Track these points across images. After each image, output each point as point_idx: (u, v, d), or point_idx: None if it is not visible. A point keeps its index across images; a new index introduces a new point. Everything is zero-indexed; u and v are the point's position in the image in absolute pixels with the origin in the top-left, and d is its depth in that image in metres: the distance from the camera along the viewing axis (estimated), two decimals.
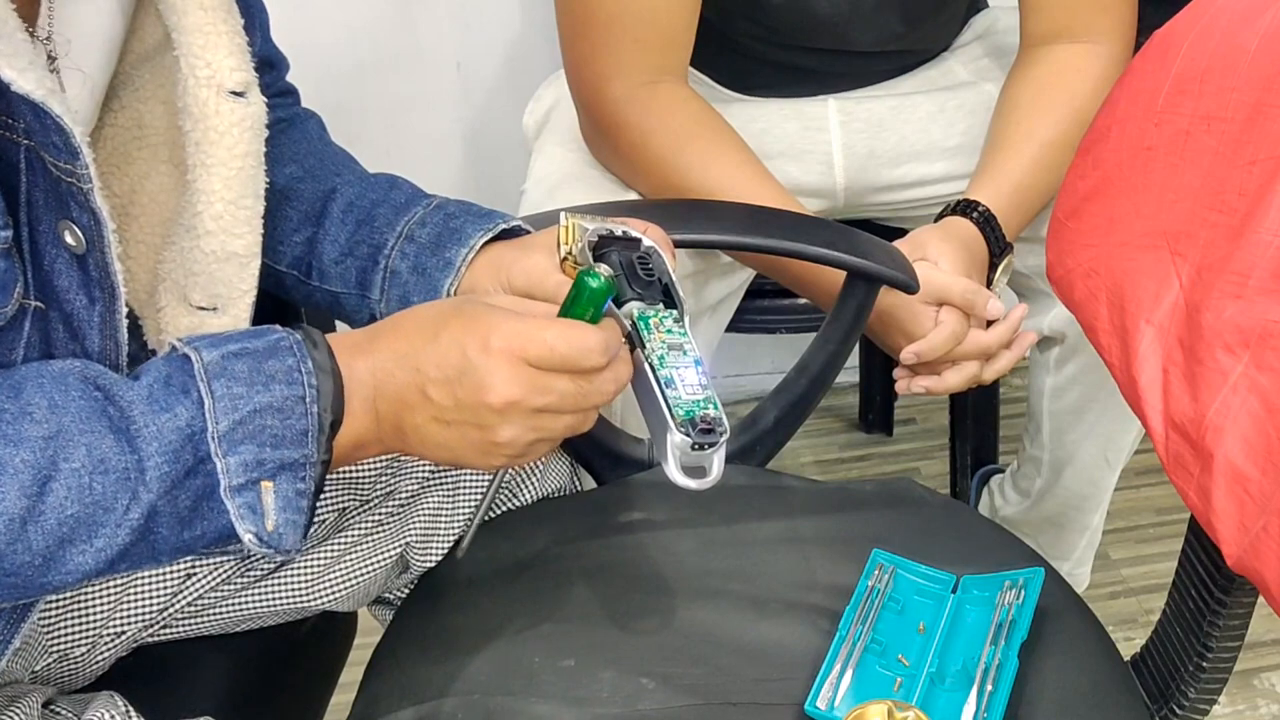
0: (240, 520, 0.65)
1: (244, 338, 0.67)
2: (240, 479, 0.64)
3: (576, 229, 0.78)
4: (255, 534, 0.65)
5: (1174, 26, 0.79)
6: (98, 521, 0.62)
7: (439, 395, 0.67)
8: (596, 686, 0.82)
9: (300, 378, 0.66)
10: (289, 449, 0.65)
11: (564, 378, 0.68)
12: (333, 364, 0.67)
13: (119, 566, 0.64)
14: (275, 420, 0.65)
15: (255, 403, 0.64)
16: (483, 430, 0.68)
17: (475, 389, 0.67)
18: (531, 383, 0.67)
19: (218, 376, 0.64)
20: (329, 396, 0.66)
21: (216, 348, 0.66)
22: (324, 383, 0.66)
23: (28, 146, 0.65)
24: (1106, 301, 0.80)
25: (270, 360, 0.66)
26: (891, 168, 1.28)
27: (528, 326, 0.67)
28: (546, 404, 0.68)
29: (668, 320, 0.75)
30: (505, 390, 0.67)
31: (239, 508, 0.64)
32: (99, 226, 0.68)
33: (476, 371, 0.67)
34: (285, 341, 0.67)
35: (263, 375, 0.65)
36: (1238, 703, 1.51)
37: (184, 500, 0.64)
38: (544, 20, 1.56)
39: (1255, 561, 0.68)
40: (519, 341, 0.67)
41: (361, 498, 0.93)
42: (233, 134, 0.73)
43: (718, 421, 0.71)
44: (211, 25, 0.72)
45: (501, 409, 0.67)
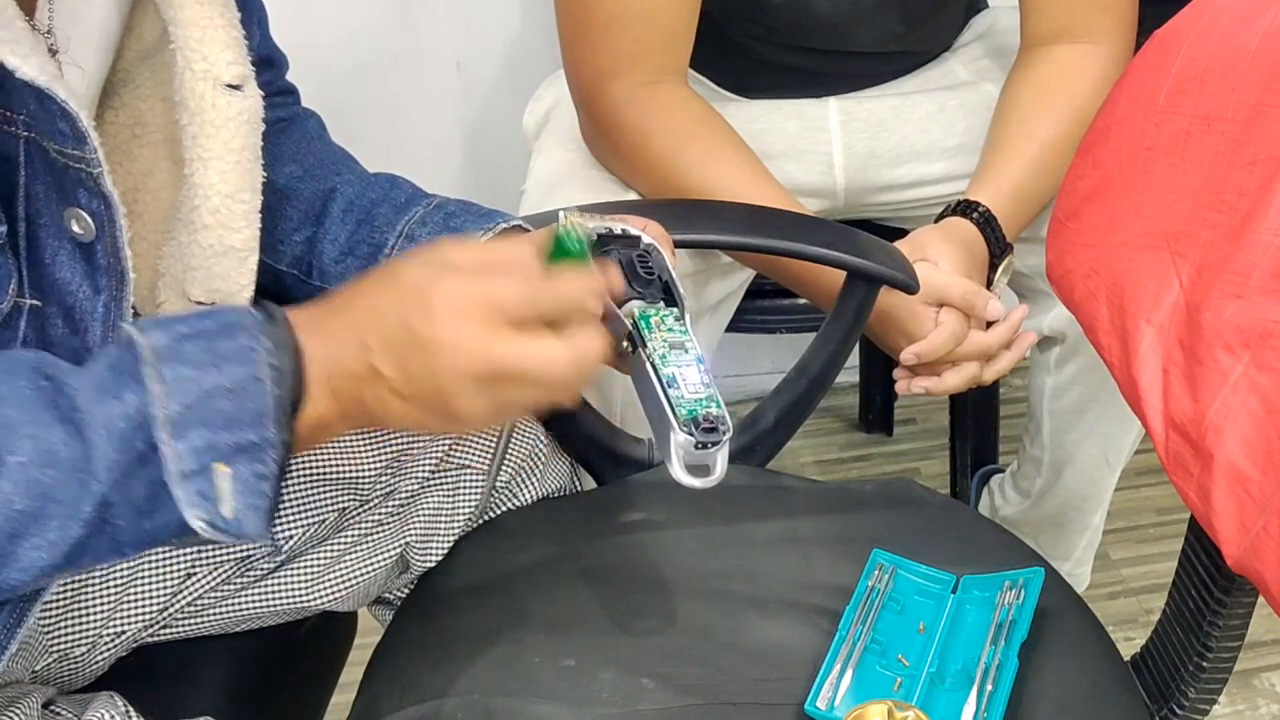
0: (190, 507, 0.61)
1: (196, 318, 0.64)
2: (191, 464, 0.61)
3: (576, 227, 0.78)
4: (208, 521, 0.62)
5: (1174, 26, 0.79)
6: (48, 514, 0.60)
7: (389, 369, 0.64)
8: (596, 686, 0.82)
9: (255, 356, 0.62)
10: (245, 431, 0.62)
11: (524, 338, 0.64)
12: (291, 340, 0.64)
13: (80, 561, 0.62)
14: (229, 402, 0.61)
15: (206, 385, 0.61)
16: (439, 398, 0.64)
17: (424, 359, 0.63)
18: (485, 345, 0.63)
19: (167, 360, 0.61)
20: (288, 375, 0.63)
21: (166, 330, 0.62)
22: (283, 360, 0.63)
23: (27, 138, 0.65)
24: (1106, 301, 0.80)
25: (224, 340, 0.62)
26: (892, 168, 1.28)
27: (472, 285, 0.64)
28: (505, 370, 0.64)
29: (669, 319, 0.74)
30: (455, 359, 0.63)
31: (190, 494, 0.61)
32: (110, 210, 0.68)
33: (423, 343, 0.63)
34: (240, 320, 0.63)
35: (215, 355, 0.62)
36: (1238, 703, 1.51)
37: (138, 490, 0.61)
38: (544, 20, 1.56)
39: (1255, 561, 0.68)
40: (464, 303, 0.63)
41: (361, 498, 0.93)
42: (229, 127, 0.73)
43: (721, 420, 0.71)
44: (208, 19, 0.72)
45: (457, 376, 0.64)
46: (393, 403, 0.65)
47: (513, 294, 0.64)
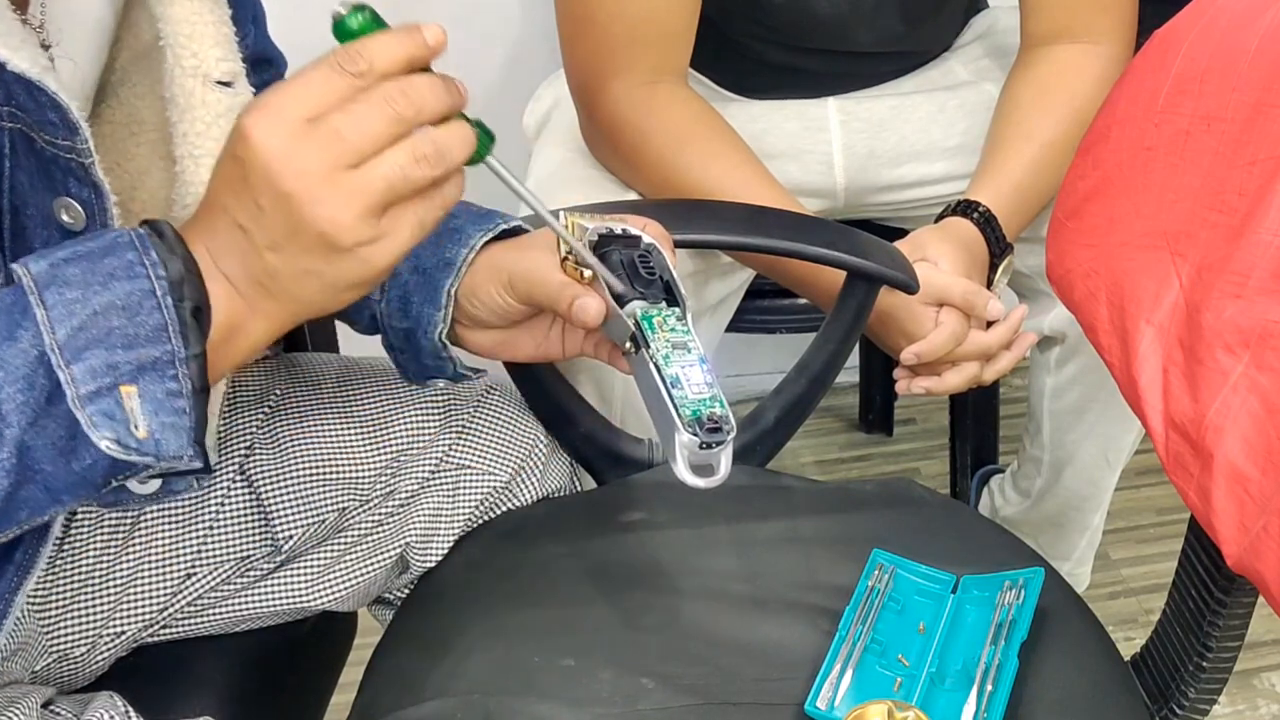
0: (93, 429, 0.59)
1: (78, 242, 0.61)
2: (90, 386, 0.59)
3: (576, 228, 0.78)
4: (116, 440, 0.59)
5: (1174, 26, 0.79)
6: None
7: (246, 217, 0.60)
8: (596, 686, 0.82)
9: (144, 270, 0.60)
10: (146, 347, 0.59)
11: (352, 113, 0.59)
12: (183, 250, 0.61)
13: (17, 515, 0.61)
14: (123, 319, 0.59)
15: (94, 305, 0.59)
16: (299, 220, 0.59)
17: (256, 179, 0.59)
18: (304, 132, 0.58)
19: (48, 285, 0.59)
20: (182, 284, 0.60)
21: (46, 257, 0.60)
22: (174, 271, 0.60)
23: (12, 129, 0.65)
24: (1106, 301, 0.80)
25: (107, 258, 0.60)
26: (892, 168, 1.28)
27: (271, 95, 0.59)
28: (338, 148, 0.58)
29: (671, 319, 0.74)
30: (276, 154, 0.58)
31: (91, 416, 0.59)
32: (100, 199, 0.68)
33: (246, 162, 0.59)
34: (124, 237, 0.61)
35: (100, 275, 0.59)
36: (1238, 703, 1.51)
37: (54, 429, 0.60)
38: (544, 20, 1.56)
39: (1255, 561, 0.68)
40: (267, 107, 0.59)
41: (361, 498, 0.93)
42: (219, 124, 0.73)
43: (724, 419, 0.71)
44: (198, 15, 0.72)
45: (288, 180, 0.58)
46: (276, 263, 0.61)
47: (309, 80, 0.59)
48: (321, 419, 0.93)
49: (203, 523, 0.89)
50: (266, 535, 0.90)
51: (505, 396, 0.99)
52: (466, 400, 0.97)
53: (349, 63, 0.59)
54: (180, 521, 0.89)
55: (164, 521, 0.89)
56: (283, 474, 0.90)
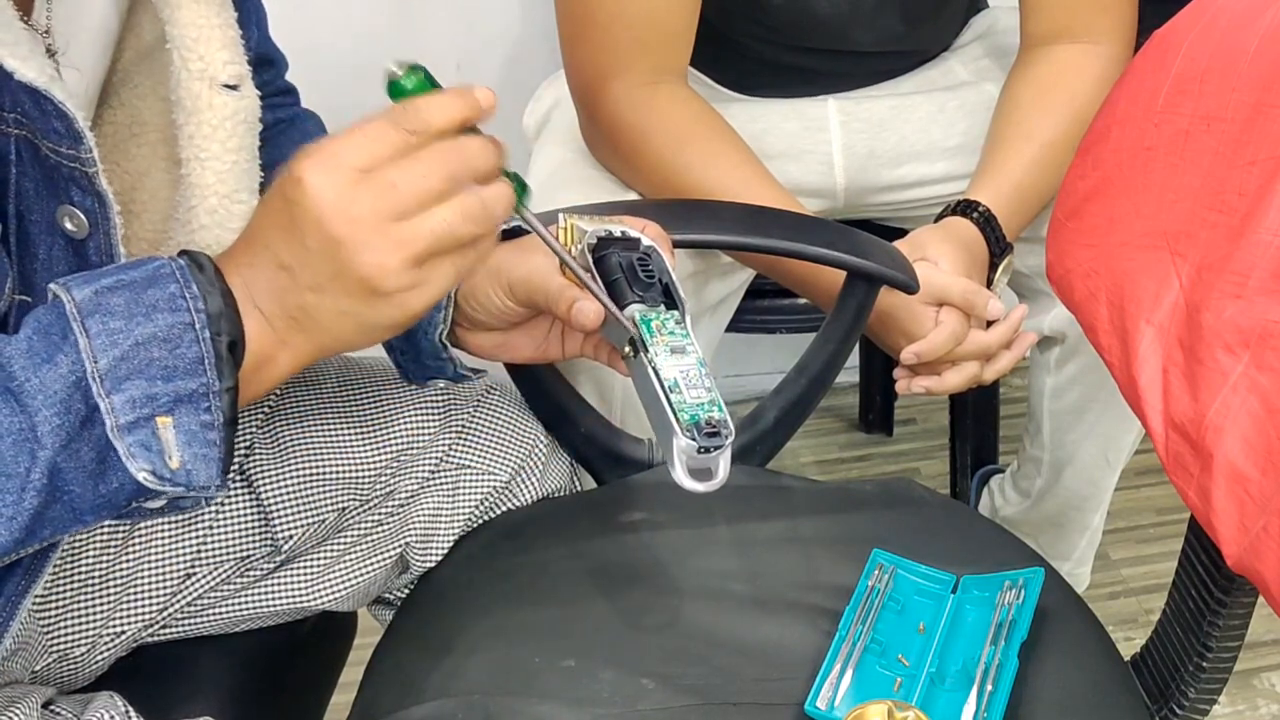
0: (131, 459, 0.60)
1: (121, 270, 0.62)
2: (129, 416, 0.60)
3: (575, 230, 0.78)
4: (152, 471, 0.61)
5: (1174, 26, 0.79)
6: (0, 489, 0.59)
7: (291, 256, 0.62)
8: (596, 686, 0.82)
9: (185, 303, 0.61)
10: (184, 380, 0.61)
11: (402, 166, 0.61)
12: (221, 284, 0.63)
13: (40, 532, 0.61)
14: (163, 351, 0.60)
15: (136, 335, 0.60)
16: (346, 270, 0.61)
17: (311, 222, 0.60)
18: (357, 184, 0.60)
19: (92, 313, 0.60)
20: (221, 318, 0.62)
21: (90, 283, 0.61)
22: (213, 304, 0.62)
23: (17, 136, 0.65)
24: (1106, 301, 0.80)
25: (150, 289, 0.61)
26: (892, 168, 1.28)
27: (329, 141, 0.61)
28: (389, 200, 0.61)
29: (670, 322, 0.74)
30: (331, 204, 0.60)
31: (129, 446, 0.60)
32: (104, 208, 0.68)
33: (301, 204, 0.60)
34: (166, 268, 0.62)
35: (143, 306, 0.61)
36: (1238, 703, 1.51)
37: (86, 453, 0.61)
38: (544, 20, 1.56)
39: (1255, 561, 0.68)
40: (325, 155, 0.61)
41: (361, 498, 0.93)
42: (226, 127, 0.73)
43: (723, 423, 0.71)
44: (205, 19, 0.72)
45: (343, 224, 0.60)
46: (313, 302, 0.62)
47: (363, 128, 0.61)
48: (321, 419, 0.93)
49: (202, 523, 0.89)
50: (266, 535, 0.90)
51: (505, 396, 0.99)
52: (466, 400, 0.97)
53: (405, 120, 0.61)
54: (180, 521, 0.89)
55: (164, 522, 0.89)
56: (283, 474, 0.90)
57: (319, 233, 0.60)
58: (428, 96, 0.63)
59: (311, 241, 0.61)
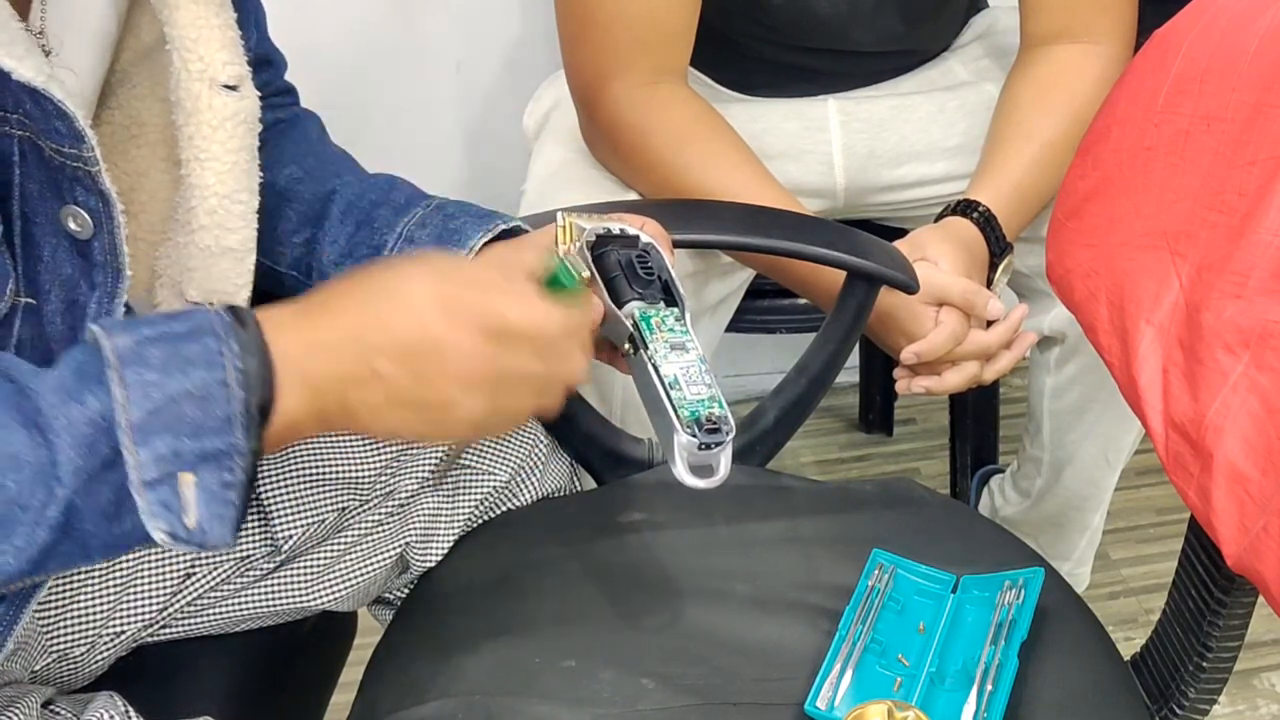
0: (151, 518, 0.60)
1: (163, 320, 0.62)
2: (154, 473, 0.59)
3: (574, 228, 0.78)
4: (169, 532, 0.60)
5: (1174, 26, 0.79)
6: (14, 519, 0.58)
7: (394, 371, 0.64)
8: (596, 686, 0.82)
9: (222, 361, 0.60)
10: (211, 438, 0.60)
11: (525, 354, 0.66)
12: (261, 342, 0.62)
13: (48, 566, 0.61)
14: (194, 408, 0.60)
15: (171, 390, 0.59)
16: (440, 407, 0.65)
17: (436, 362, 0.64)
18: (497, 359, 0.65)
19: (130, 363, 0.60)
20: (256, 378, 0.61)
21: (131, 332, 0.61)
22: (250, 364, 0.61)
23: (20, 137, 0.65)
24: (1106, 301, 0.80)
25: (189, 343, 0.61)
26: (892, 168, 1.28)
27: (488, 298, 0.65)
28: (507, 381, 0.66)
29: (669, 319, 0.74)
30: (469, 364, 0.64)
31: (150, 504, 0.60)
32: (108, 207, 0.68)
33: (438, 345, 0.64)
34: (208, 322, 0.62)
35: (180, 360, 0.60)
36: (1238, 703, 1.51)
37: (104, 494, 0.60)
38: (544, 20, 1.56)
39: (1255, 561, 0.68)
40: (480, 314, 0.65)
41: (361, 498, 0.93)
42: (226, 128, 0.73)
43: (723, 420, 0.71)
44: (204, 19, 0.72)
45: (463, 382, 0.65)
46: (384, 407, 0.65)
47: (524, 315, 0.66)
48: None
49: None
50: (266, 535, 0.90)
51: None
52: None
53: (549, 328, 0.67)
54: None
55: None
56: (282, 474, 0.90)
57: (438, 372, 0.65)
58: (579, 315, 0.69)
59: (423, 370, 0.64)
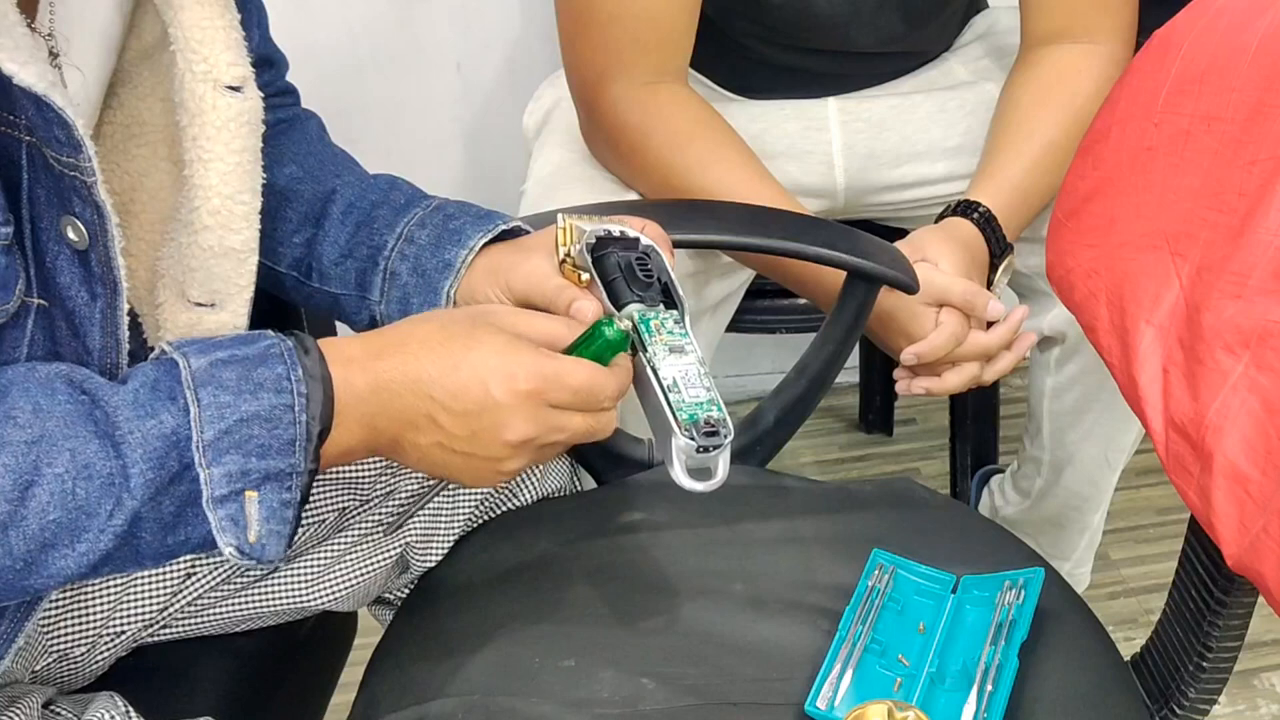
0: (221, 533, 0.64)
1: (234, 344, 0.66)
2: (224, 490, 0.64)
3: (574, 230, 0.78)
4: (236, 546, 0.65)
5: (1174, 26, 0.79)
6: (81, 526, 0.62)
7: (452, 425, 0.69)
8: (596, 686, 0.82)
9: (290, 386, 0.65)
10: (275, 459, 0.65)
11: (577, 416, 0.71)
12: (323, 370, 0.67)
13: (101, 570, 0.64)
14: (262, 429, 0.64)
15: (242, 411, 0.64)
16: (490, 461, 0.71)
17: (494, 426, 0.69)
18: (549, 421, 0.70)
19: (205, 384, 0.64)
20: (318, 404, 0.66)
21: (205, 354, 0.65)
22: (314, 390, 0.66)
23: (29, 142, 0.65)
24: (1106, 302, 0.80)
25: (260, 368, 0.65)
26: (892, 168, 1.28)
27: (555, 369, 0.70)
28: (557, 440, 0.71)
29: (668, 322, 0.74)
30: (525, 430, 0.70)
31: (221, 519, 0.64)
32: (102, 221, 0.68)
33: (499, 409, 0.69)
34: (276, 348, 0.66)
35: (251, 383, 0.65)
36: (1238, 703, 1.51)
37: (168, 506, 0.64)
38: (544, 20, 1.56)
39: (1255, 561, 0.68)
40: (545, 384, 0.69)
41: (361, 498, 0.93)
42: (229, 129, 0.73)
43: (722, 423, 0.71)
44: (208, 20, 0.72)
45: (517, 446, 0.70)
46: (434, 452, 0.70)
47: (579, 383, 0.70)
48: None
49: None
50: None
51: None
52: None
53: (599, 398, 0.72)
54: None
55: None
56: None
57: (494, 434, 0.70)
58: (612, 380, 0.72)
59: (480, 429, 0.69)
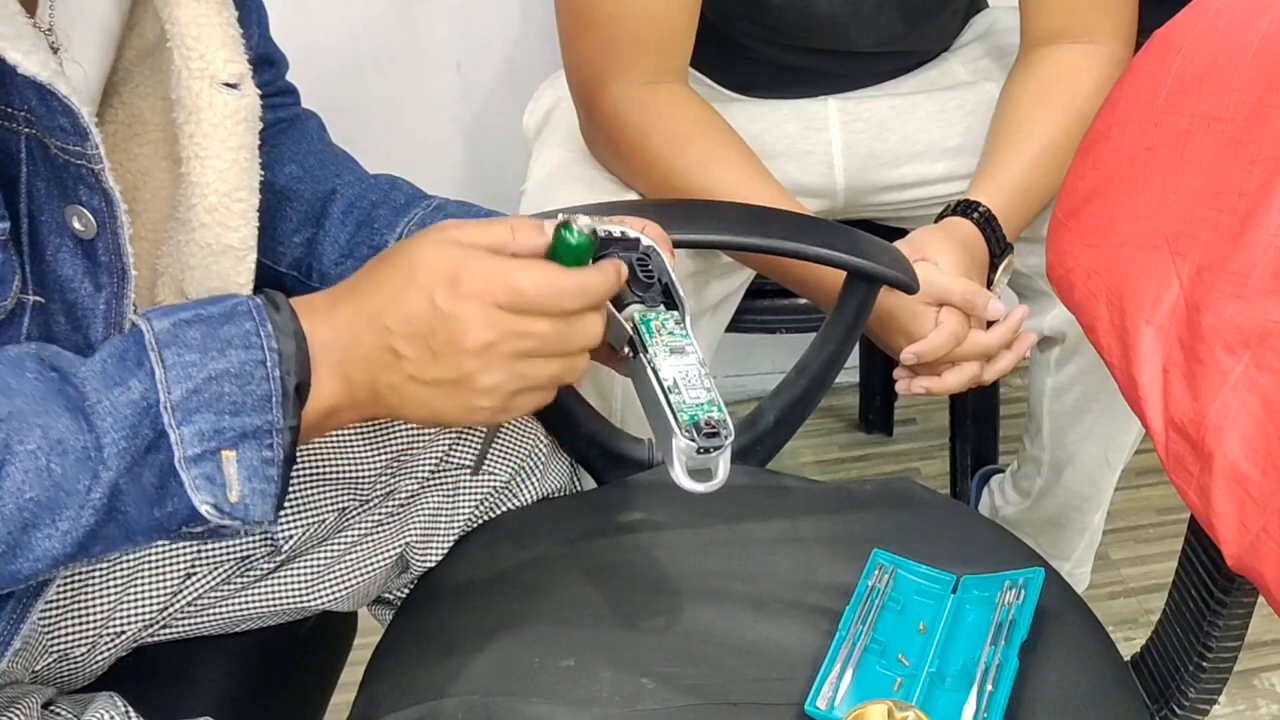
0: (195, 491, 0.62)
1: (200, 305, 0.64)
2: (196, 449, 0.62)
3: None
4: (214, 504, 0.63)
5: (1174, 26, 0.79)
6: (59, 504, 0.60)
7: (411, 351, 0.65)
8: (596, 686, 0.82)
9: (259, 341, 0.63)
10: (250, 415, 0.63)
11: (541, 320, 0.66)
12: (295, 326, 0.65)
13: (92, 549, 0.63)
14: (233, 387, 0.62)
15: (210, 369, 0.62)
16: (462, 382, 0.66)
17: (449, 336, 0.65)
18: (506, 325, 0.65)
19: (168, 345, 0.62)
20: (292, 359, 0.64)
21: (168, 316, 0.63)
22: (285, 345, 0.64)
23: (28, 135, 0.65)
24: (1106, 302, 0.80)
25: (226, 325, 0.63)
26: (892, 168, 1.28)
27: (496, 268, 0.65)
28: (525, 348, 0.66)
29: (669, 322, 0.74)
30: (480, 334, 0.65)
31: (195, 479, 0.62)
32: (111, 207, 0.68)
33: (448, 319, 0.65)
34: (243, 306, 0.64)
35: (218, 341, 0.63)
36: (1238, 703, 1.51)
37: (148, 477, 0.62)
38: (544, 20, 1.56)
39: (1255, 561, 0.68)
40: (488, 285, 0.65)
41: (361, 498, 0.93)
42: (226, 126, 0.73)
43: (722, 424, 0.71)
44: (205, 17, 0.72)
45: (478, 352, 0.65)
46: (409, 388, 0.66)
47: (535, 283, 0.65)
48: None
49: None
50: (266, 535, 0.90)
51: None
52: None
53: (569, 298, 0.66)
54: None
55: None
56: None
57: (452, 347, 0.65)
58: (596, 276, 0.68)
59: (438, 346, 0.65)
